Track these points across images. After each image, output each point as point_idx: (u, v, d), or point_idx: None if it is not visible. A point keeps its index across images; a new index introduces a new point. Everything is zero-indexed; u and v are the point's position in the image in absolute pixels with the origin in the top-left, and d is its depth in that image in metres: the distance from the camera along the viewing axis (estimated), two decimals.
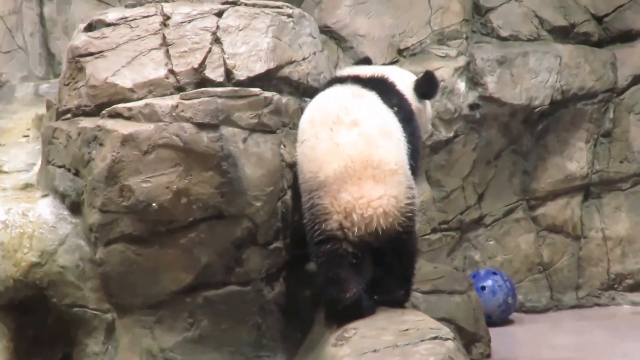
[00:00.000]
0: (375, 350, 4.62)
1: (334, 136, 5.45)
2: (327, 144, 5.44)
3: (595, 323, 7.88)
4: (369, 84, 5.75)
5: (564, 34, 8.34)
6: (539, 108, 8.13)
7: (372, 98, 5.66)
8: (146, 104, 5.25)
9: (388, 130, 5.51)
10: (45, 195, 5.69)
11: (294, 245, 5.57)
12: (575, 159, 8.30)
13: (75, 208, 5.54)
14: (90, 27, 5.57)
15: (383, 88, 5.77)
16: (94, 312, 5.48)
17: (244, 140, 5.29)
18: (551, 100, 8.15)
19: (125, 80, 5.36)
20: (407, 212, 5.35)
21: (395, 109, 5.67)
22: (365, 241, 5.25)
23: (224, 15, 5.57)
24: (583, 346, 7.22)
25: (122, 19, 5.54)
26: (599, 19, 8.40)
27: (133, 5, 5.75)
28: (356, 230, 5.24)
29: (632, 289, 8.39)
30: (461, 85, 8.03)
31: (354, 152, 5.38)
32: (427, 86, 6.15)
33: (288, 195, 5.48)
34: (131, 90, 5.34)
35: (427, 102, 6.25)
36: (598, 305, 8.37)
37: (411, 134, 5.68)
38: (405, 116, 5.71)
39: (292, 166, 5.51)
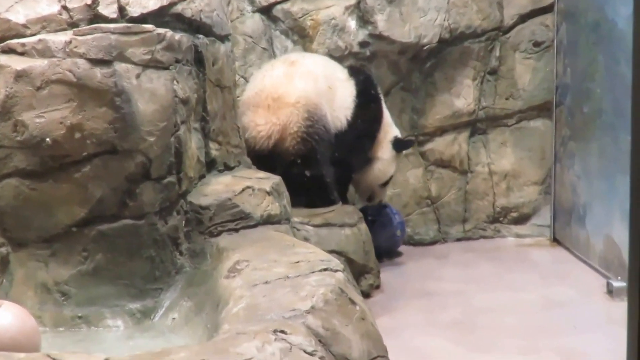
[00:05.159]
0: (267, 282, 4.71)
1: (270, 69, 6.98)
2: (260, 75, 6.98)
3: (481, 255, 8.14)
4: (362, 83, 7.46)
5: None
6: (428, 46, 8.24)
7: (342, 71, 7.37)
8: (39, 40, 5.23)
9: (319, 76, 6.91)
10: None
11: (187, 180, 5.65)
12: (463, 96, 8.45)
13: None
14: None
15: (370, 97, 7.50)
16: None
17: (137, 76, 5.30)
18: (439, 39, 8.26)
19: (19, 16, 5.31)
20: (298, 140, 6.69)
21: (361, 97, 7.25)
22: (264, 155, 6.63)
23: None
24: (470, 277, 7.48)
25: None
26: None
27: None
28: (251, 145, 6.64)
29: (517, 221, 8.64)
30: (351, 23, 8.07)
31: (267, 84, 6.80)
32: (402, 145, 7.74)
33: (181, 131, 5.51)
34: (24, 26, 5.29)
35: (395, 155, 7.66)
36: (484, 237, 8.60)
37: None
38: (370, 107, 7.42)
39: (185, 102, 5.56)
